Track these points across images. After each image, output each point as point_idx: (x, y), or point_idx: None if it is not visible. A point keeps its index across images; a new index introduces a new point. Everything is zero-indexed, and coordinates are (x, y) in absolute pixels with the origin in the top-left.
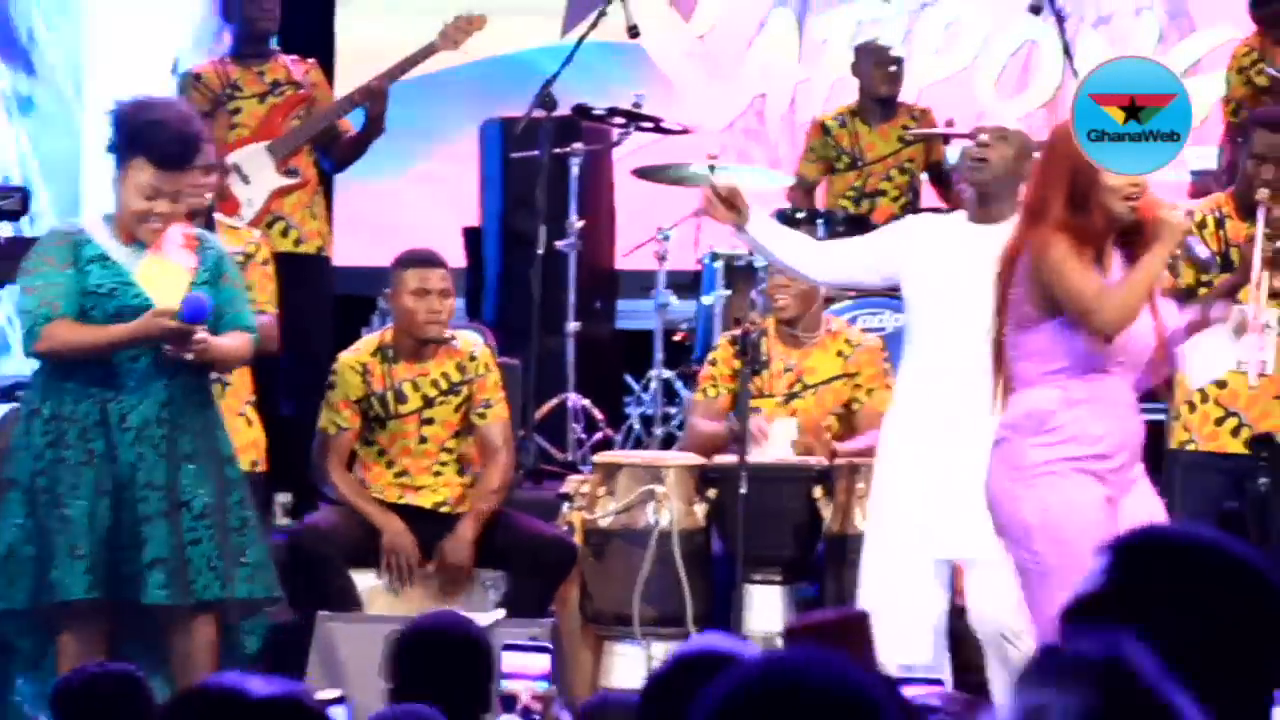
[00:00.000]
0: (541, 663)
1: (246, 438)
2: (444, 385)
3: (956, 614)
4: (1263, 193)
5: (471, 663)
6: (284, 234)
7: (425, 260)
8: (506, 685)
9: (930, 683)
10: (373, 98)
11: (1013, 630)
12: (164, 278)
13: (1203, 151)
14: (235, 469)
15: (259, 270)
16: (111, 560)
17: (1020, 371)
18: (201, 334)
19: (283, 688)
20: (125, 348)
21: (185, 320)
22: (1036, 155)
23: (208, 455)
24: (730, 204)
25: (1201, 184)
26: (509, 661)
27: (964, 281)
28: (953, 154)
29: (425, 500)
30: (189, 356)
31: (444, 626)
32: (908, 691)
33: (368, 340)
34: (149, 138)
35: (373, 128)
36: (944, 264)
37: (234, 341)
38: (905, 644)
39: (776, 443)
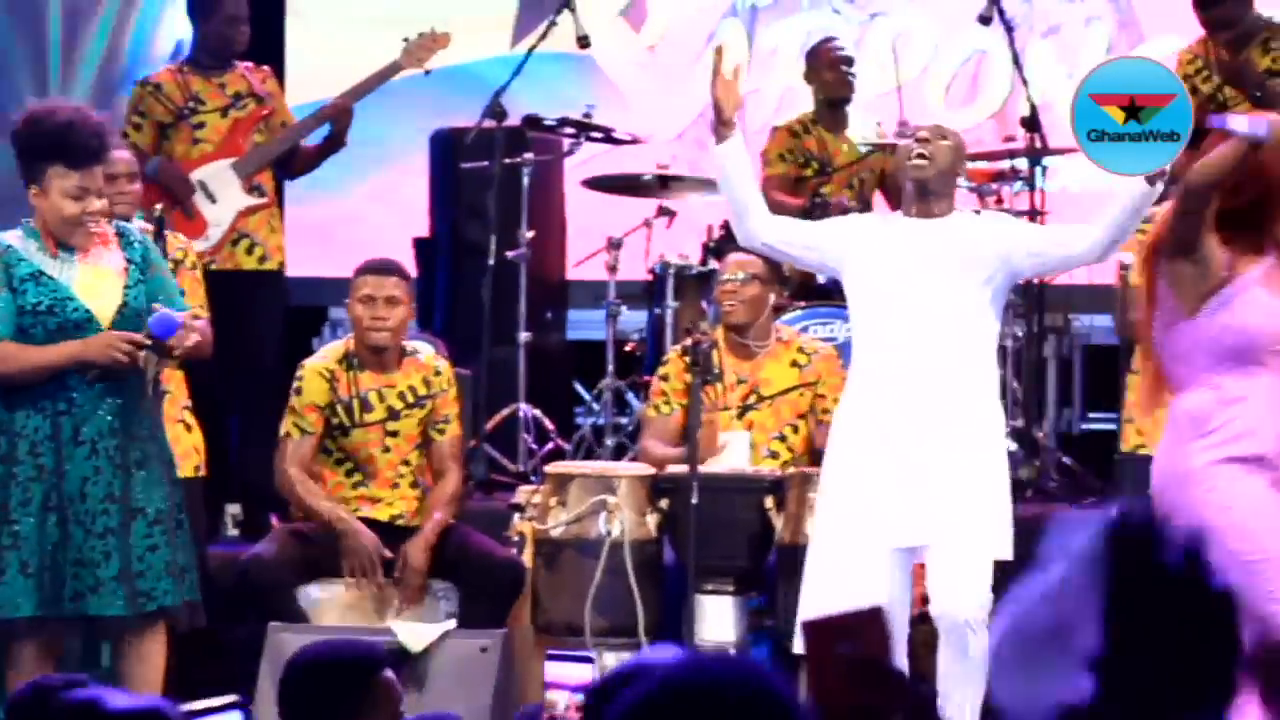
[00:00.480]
0: (582, 673)
1: (187, 443)
2: (410, 399)
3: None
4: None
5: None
6: (249, 251)
7: (377, 269)
8: (548, 695)
9: None
10: (339, 116)
11: (974, 620)
12: (99, 284)
13: None
14: (175, 471)
15: (189, 276)
16: (58, 577)
17: (1174, 374)
18: (178, 343)
19: (144, 702)
20: (67, 367)
21: (159, 338)
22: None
23: (157, 460)
24: (729, 95)
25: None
26: (550, 671)
27: (905, 273)
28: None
29: (382, 513)
30: (123, 359)
31: (335, 651)
32: None
33: (332, 348)
34: (61, 141)
35: (334, 143)
36: (885, 258)
37: (206, 330)
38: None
39: (731, 455)
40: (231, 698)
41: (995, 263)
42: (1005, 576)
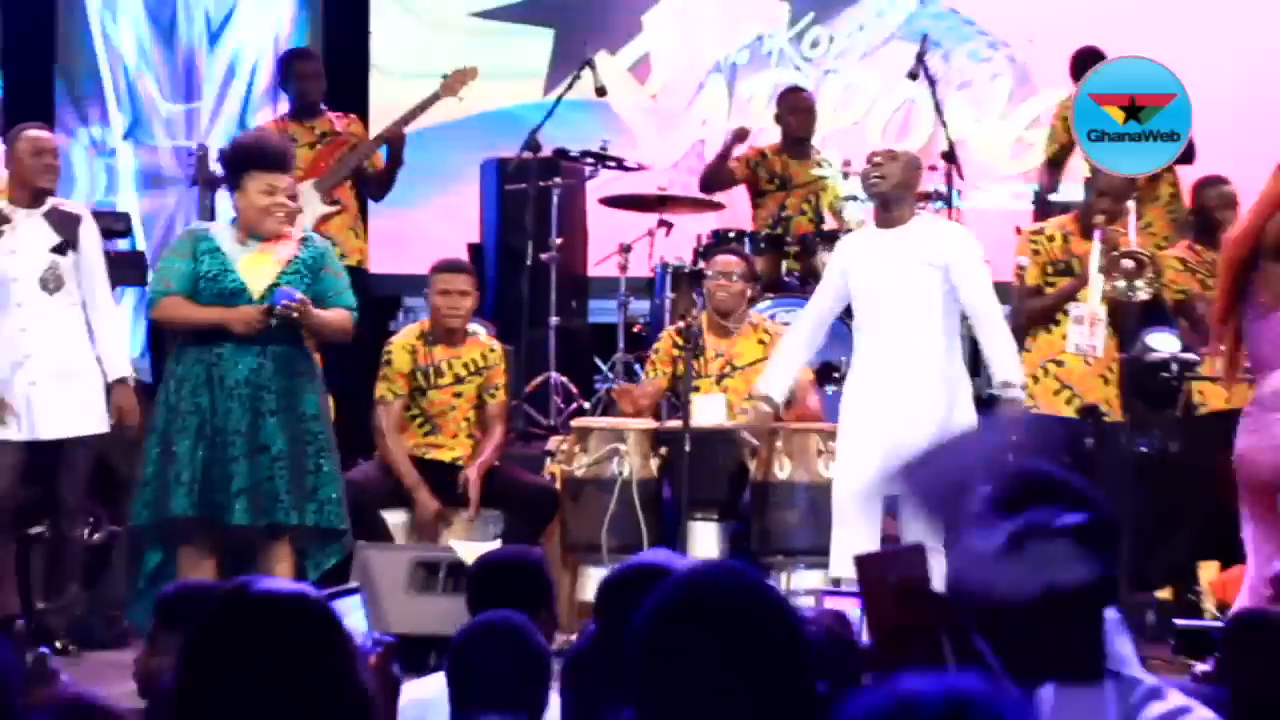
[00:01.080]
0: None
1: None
2: (472, 368)
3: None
4: (1099, 219)
5: (537, 587)
6: None
7: (450, 267)
8: None
9: (852, 595)
10: (392, 140)
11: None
12: (259, 267)
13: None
14: (318, 424)
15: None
16: (206, 488)
17: (1259, 356)
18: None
19: (289, 587)
20: (215, 326)
21: (273, 303)
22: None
23: (288, 411)
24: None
25: (1040, 212)
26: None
27: (877, 275)
28: (853, 184)
29: (445, 456)
30: (247, 329)
31: (514, 557)
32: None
33: (411, 328)
34: (258, 152)
35: (394, 161)
36: (865, 265)
37: (335, 315)
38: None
39: (711, 413)
40: (351, 584)
41: (944, 264)
42: None
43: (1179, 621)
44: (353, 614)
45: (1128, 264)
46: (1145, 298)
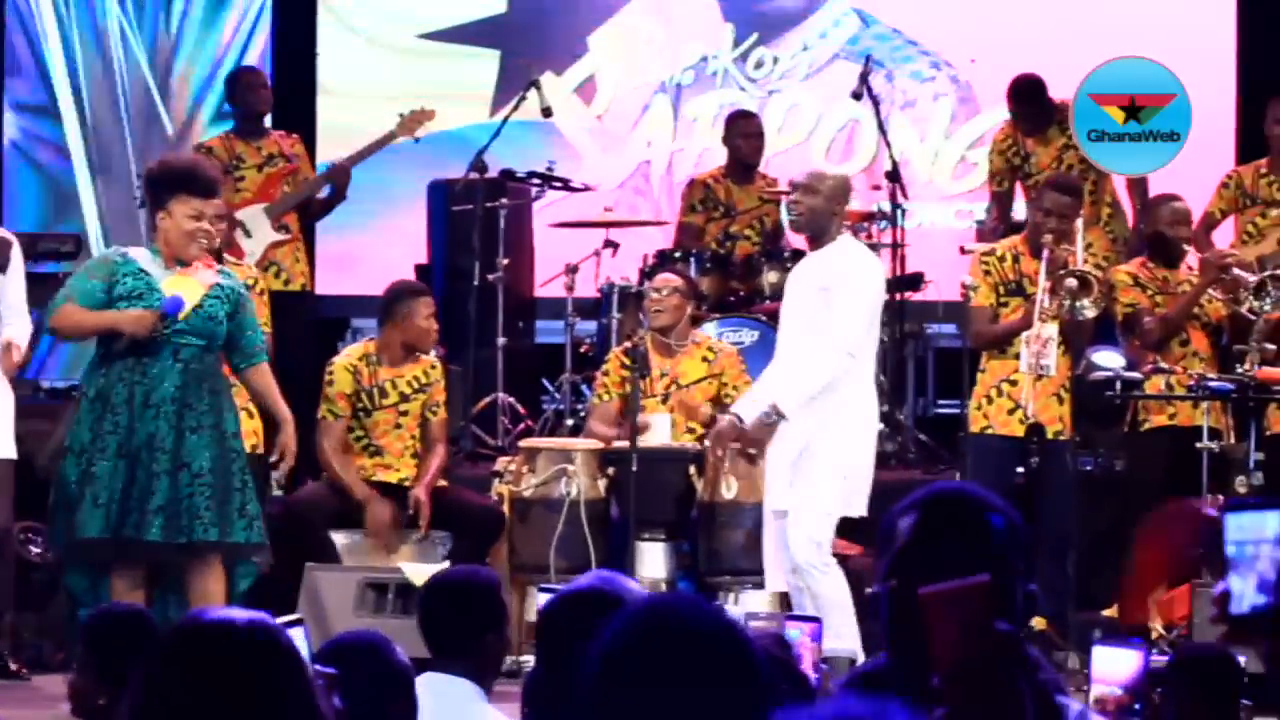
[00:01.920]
0: (1130, 665)
1: (248, 426)
2: (415, 386)
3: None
4: (1047, 238)
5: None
6: (276, 275)
7: (427, 290)
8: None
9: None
10: (338, 176)
11: (805, 563)
12: (184, 289)
13: (980, 206)
14: (239, 442)
15: (256, 299)
16: (124, 509)
17: None
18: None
19: (251, 616)
20: (112, 332)
21: (165, 311)
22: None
23: (212, 429)
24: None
25: (982, 230)
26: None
27: (795, 296)
28: None
29: (392, 477)
30: (143, 333)
31: (465, 577)
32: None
33: (354, 349)
34: (188, 176)
35: (337, 196)
36: (789, 286)
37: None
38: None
39: (657, 433)
40: (295, 616)
41: (826, 287)
42: (860, 531)
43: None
44: (297, 645)
45: (1072, 283)
46: (1091, 316)
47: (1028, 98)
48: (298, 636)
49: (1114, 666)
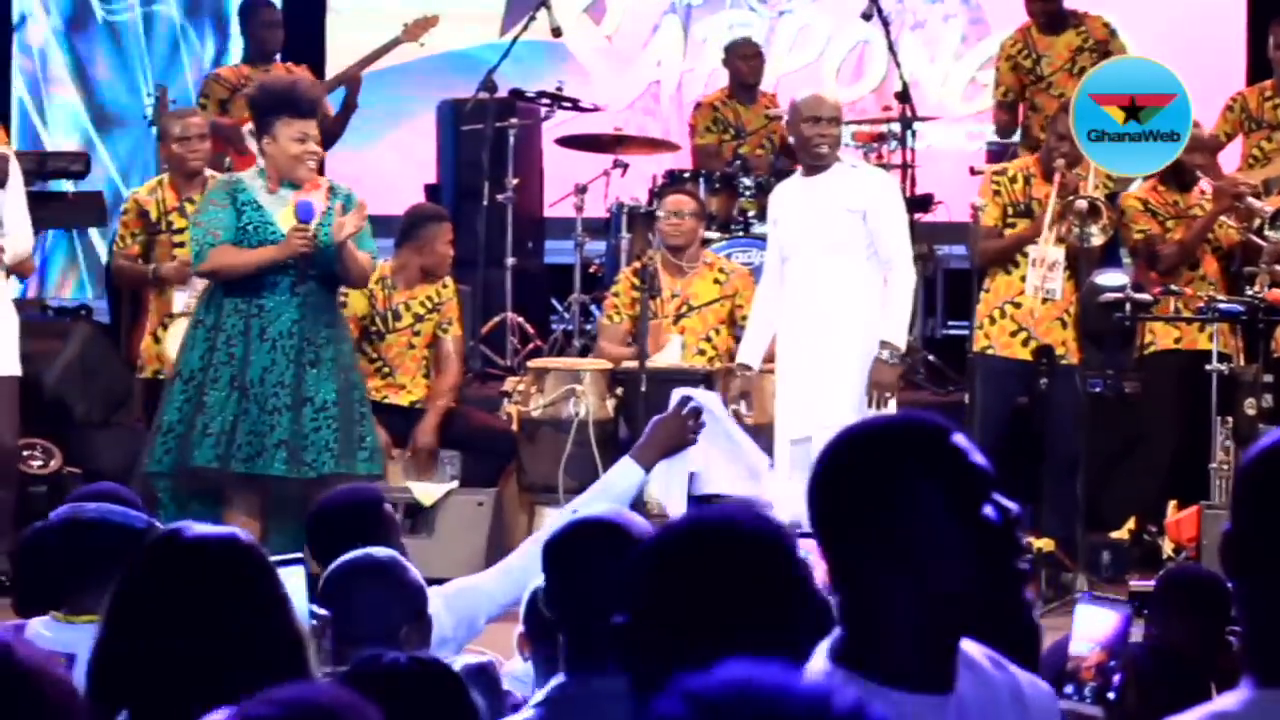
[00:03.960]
0: (1108, 624)
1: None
2: (429, 306)
3: None
4: (1059, 162)
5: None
6: None
7: (449, 216)
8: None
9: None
10: (349, 83)
11: None
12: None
13: (990, 127)
14: (355, 374)
15: None
16: (236, 441)
17: None
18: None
19: (221, 532)
20: (269, 266)
21: (300, 219)
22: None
23: (331, 361)
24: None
25: (994, 152)
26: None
27: (797, 221)
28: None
29: (404, 399)
30: (303, 245)
31: (347, 498)
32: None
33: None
34: (291, 98)
35: (348, 108)
36: (790, 214)
37: (362, 254)
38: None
39: (668, 353)
40: (294, 555)
41: (861, 210)
42: None
43: (1132, 583)
44: (294, 584)
45: (1082, 205)
46: (1099, 243)
47: None
48: (296, 575)
49: (1095, 626)
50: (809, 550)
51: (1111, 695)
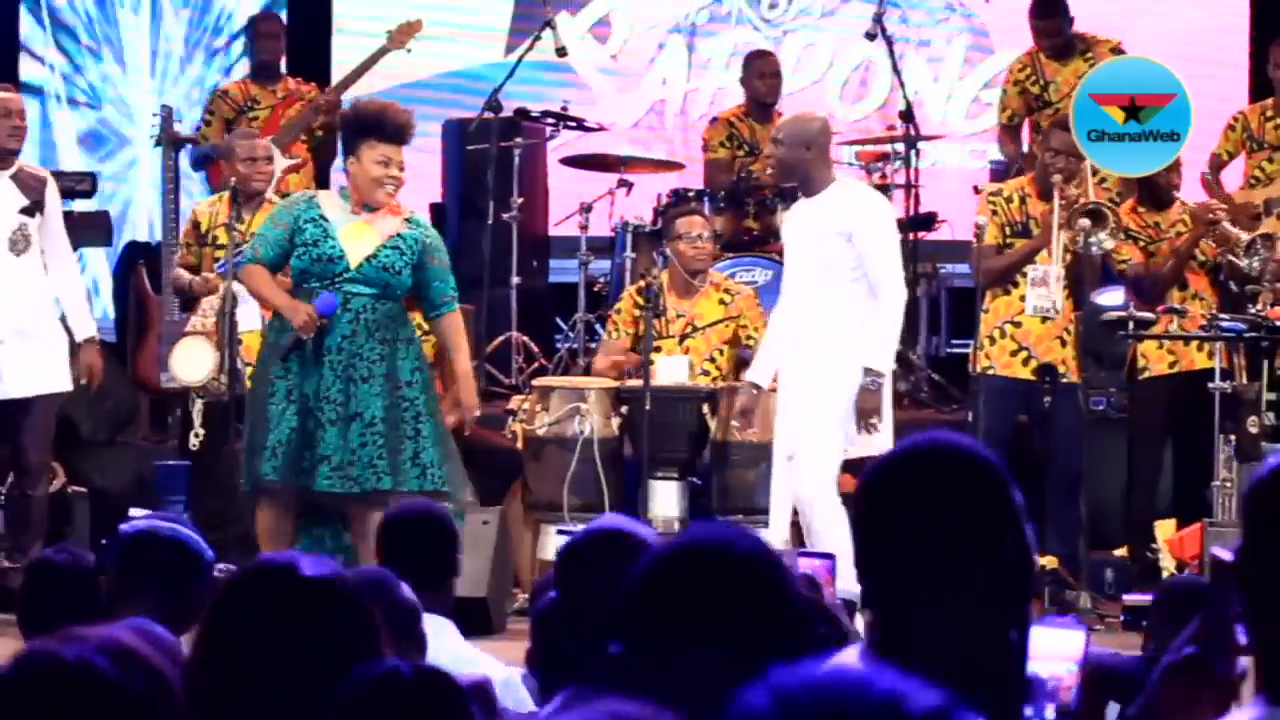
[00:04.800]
0: (1074, 646)
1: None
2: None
3: None
4: (1056, 178)
5: (440, 537)
6: None
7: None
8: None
9: (823, 556)
10: (328, 105)
11: (807, 498)
12: (362, 237)
13: (994, 146)
14: (413, 391)
15: None
16: (291, 454)
17: None
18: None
19: (327, 568)
20: (276, 310)
21: (320, 313)
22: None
23: (384, 378)
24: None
25: (996, 171)
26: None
27: (795, 241)
28: None
29: None
30: (303, 330)
31: (418, 511)
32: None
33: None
34: (379, 122)
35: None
36: (790, 235)
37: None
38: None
39: (673, 372)
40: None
41: (848, 232)
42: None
43: (1126, 597)
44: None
45: (1085, 222)
46: (1110, 247)
47: (1050, 13)
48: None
49: (1063, 646)
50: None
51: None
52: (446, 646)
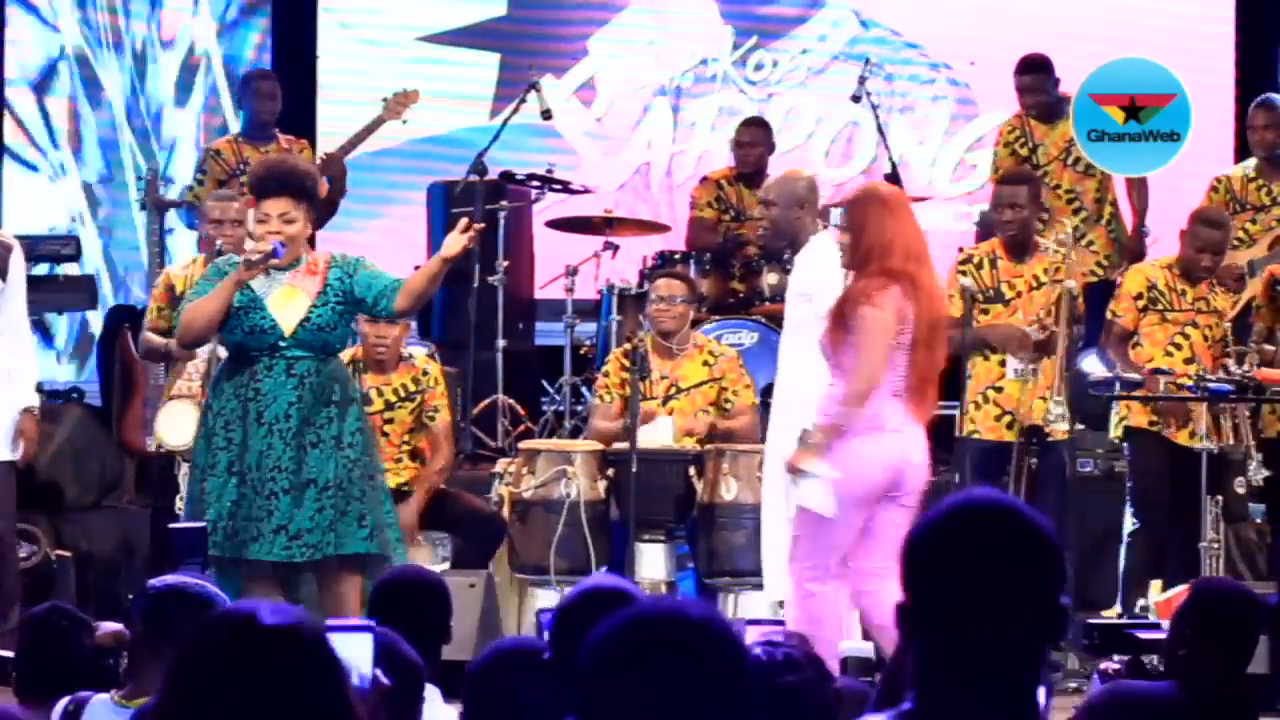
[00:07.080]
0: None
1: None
2: (402, 394)
3: None
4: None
5: (435, 603)
6: None
7: None
8: None
9: (773, 623)
10: (332, 166)
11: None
12: (290, 302)
13: (983, 206)
14: (354, 451)
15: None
16: (233, 527)
17: None
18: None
19: (290, 616)
20: (233, 294)
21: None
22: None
23: (332, 440)
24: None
25: (982, 232)
26: None
27: (788, 300)
28: None
29: (390, 482)
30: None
31: (412, 575)
32: (750, 632)
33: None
34: (252, 181)
35: (336, 191)
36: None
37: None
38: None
39: (658, 434)
40: (365, 622)
41: (807, 293)
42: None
43: (1091, 620)
44: (359, 651)
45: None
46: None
47: (1034, 69)
48: (364, 643)
49: None
50: (771, 638)
51: None
52: (434, 714)
